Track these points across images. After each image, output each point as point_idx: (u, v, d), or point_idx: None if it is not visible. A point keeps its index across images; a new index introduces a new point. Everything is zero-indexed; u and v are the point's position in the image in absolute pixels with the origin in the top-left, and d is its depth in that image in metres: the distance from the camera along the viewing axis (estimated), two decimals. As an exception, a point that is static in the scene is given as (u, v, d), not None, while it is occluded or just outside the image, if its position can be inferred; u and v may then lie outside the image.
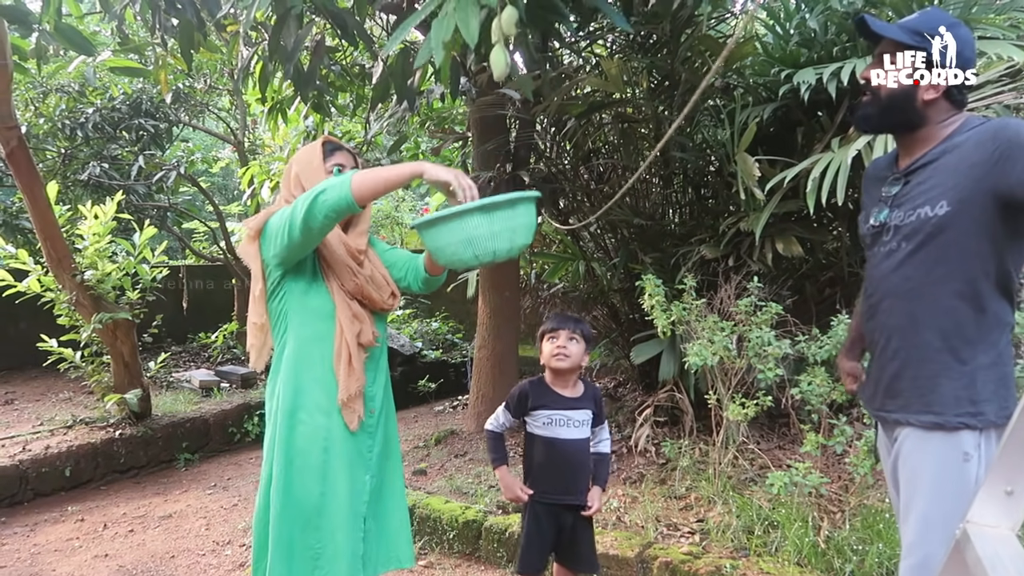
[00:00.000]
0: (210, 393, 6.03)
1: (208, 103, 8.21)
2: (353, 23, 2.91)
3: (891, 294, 1.77)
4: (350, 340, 2.04)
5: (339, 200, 1.84)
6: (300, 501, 1.99)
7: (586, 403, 2.44)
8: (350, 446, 2.07)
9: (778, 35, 4.32)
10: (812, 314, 4.05)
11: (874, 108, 1.77)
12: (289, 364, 2.04)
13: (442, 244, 1.89)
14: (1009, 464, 1.36)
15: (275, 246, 1.96)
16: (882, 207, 1.82)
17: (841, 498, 3.43)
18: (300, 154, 2.17)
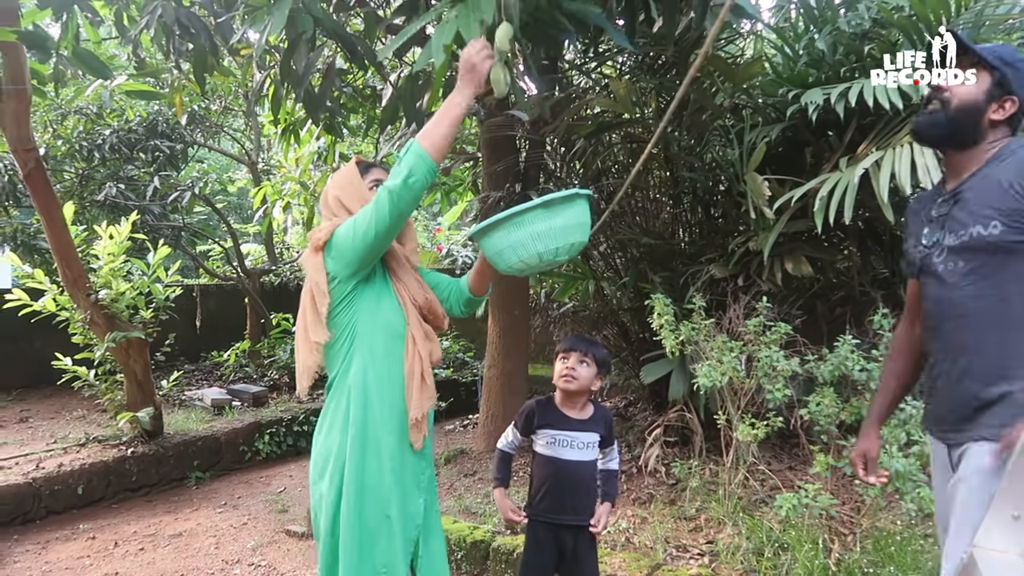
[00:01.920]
0: (222, 411, 6.06)
1: (223, 124, 8.32)
2: (363, 47, 2.96)
3: (955, 315, 1.75)
4: (424, 357, 2.01)
5: (427, 175, 1.84)
6: (371, 524, 1.95)
7: (594, 426, 2.43)
8: (411, 467, 2.03)
9: (787, 56, 4.34)
10: (823, 334, 4.02)
11: (943, 118, 1.75)
12: (358, 380, 1.96)
13: (504, 246, 1.89)
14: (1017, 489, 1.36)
15: (356, 248, 1.92)
16: (933, 228, 1.81)
17: (852, 520, 3.39)
18: (337, 178, 2.15)
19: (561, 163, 5.43)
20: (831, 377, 3.28)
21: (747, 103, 4.58)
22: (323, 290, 1.97)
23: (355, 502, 1.93)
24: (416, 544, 2.06)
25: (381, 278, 2.04)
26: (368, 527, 1.94)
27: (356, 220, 1.92)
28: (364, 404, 1.96)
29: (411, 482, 2.03)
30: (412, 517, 2.03)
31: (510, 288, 5.17)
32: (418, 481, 2.06)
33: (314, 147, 5.98)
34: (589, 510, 2.42)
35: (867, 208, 3.88)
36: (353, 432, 1.95)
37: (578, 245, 1.98)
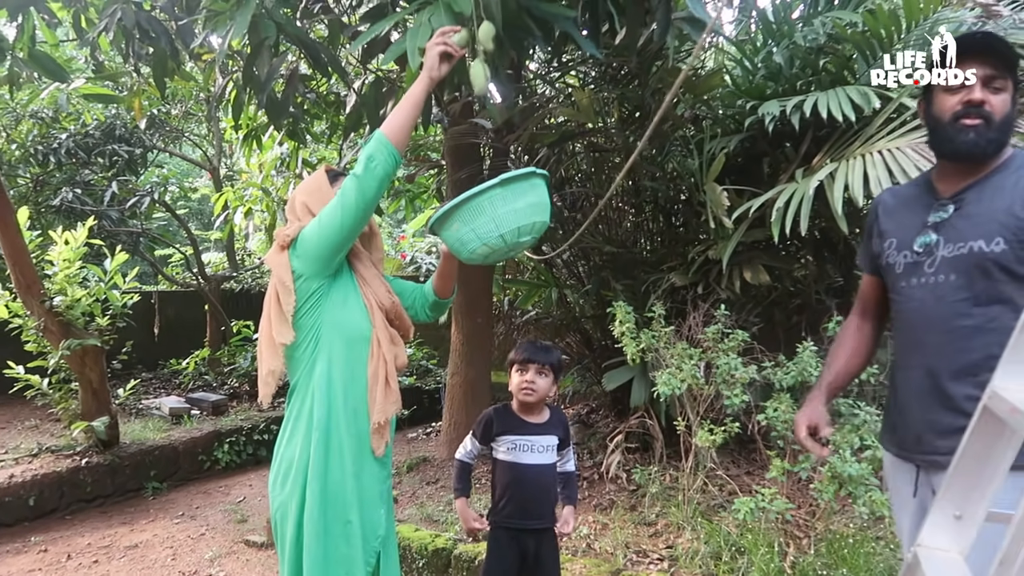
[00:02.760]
0: (180, 420, 5.97)
1: (184, 129, 8.22)
2: (326, 54, 2.96)
3: (942, 330, 1.63)
4: (389, 360, 1.98)
5: (388, 159, 1.85)
6: (332, 530, 1.93)
7: (552, 429, 2.45)
8: (373, 474, 2.01)
9: (745, 68, 4.44)
10: (780, 341, 4.10)
11: (989, 133, 1.60)
12: (322, 383, 1.93)
13: (466, 231, 1.87)
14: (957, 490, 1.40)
15: (322, 244, 1.91)
16: (928, 233, 1.67)
17: (807, 523, 3.46)
18: (305, 184, 2.15)
19: (525, 171, 5.45)
20: (791, 383, 3.35)
21: (707, 114, 4.67)
22: (288, 287, 1.93)
23: (318, 507, 1.91)
24: (378, 557, 2.03)
25: (348, 280, 2.02)
26: (330, 533, 1.92)
27: (322, 215, 1.92)
28: (328, 406, 1.93)
29: (372, 490, 2.01)
30: (373, 527, 2.01)
31: (474, 296, 5.18)
32: (380, 490, 2.04)
33: (277, 153, 5.94)
34: (550, 513, 2.44)
35: (822, 218, 3.98)
36: (317, 435, 1.92)
37: (540, 225, 1.96)
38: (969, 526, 1.34)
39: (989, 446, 1.29)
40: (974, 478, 1.34)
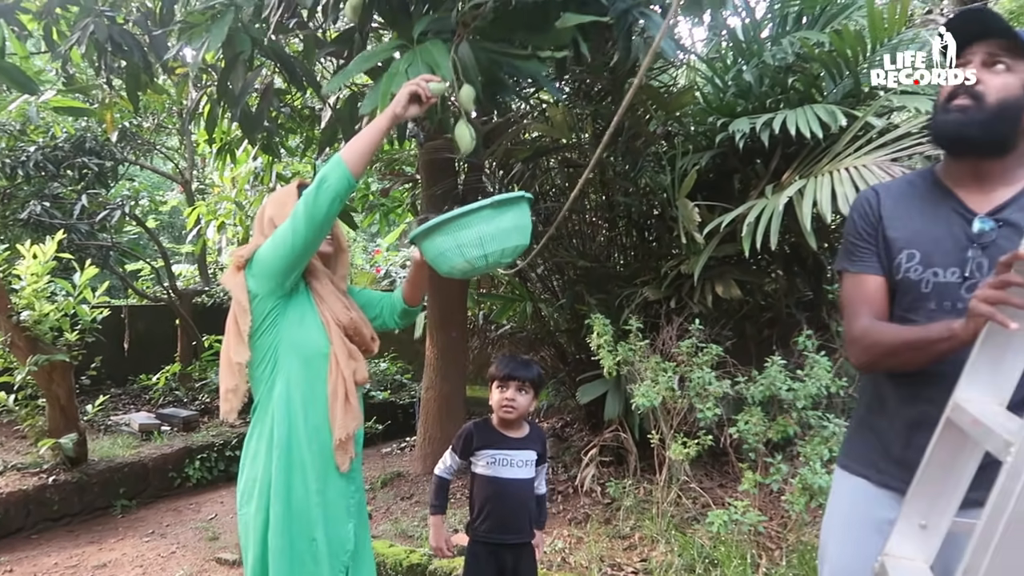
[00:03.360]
0: (150, 437, 5.88)
1: (156, 142, 8.15)
2: (301, 68, 2.97)
3: None
4: (347, 377, 1.98)
5: (340, 181, 1.85)
6: (297, 547, 1.92)
7: (531, 444, 2.47)
8: (338, 490, 2.00)
9: (716, 86, 4.52)
10: (751, 355, 4.16)
11: (978, 115, 1.45)
12: (281, 403, 1.94)
13: (448, 248, 1.88)
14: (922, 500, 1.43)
15: (275, 263, 1.92)
16: (974, 249, 1.48)
17: (779, 535, 3.50)
18: (274, 197, 2.15)
19: (500, 186, 5.49)
20: (761, 397, 3.40)
21: (679, 131, 4.74)
22: (245, 308, 1.94)
23: (282, 526, 1.91)
24: (346, 571, 2.03)
25: (304, 298, 2.02)
26: (295, 551, 1.92)
27: (275, 234, 1.93)
28: (288, 425, 1.93)
29: (339, 505, 2.01)
30: (341, 542, 2.00)
31: (448, 310, 5.18)
32: (347, 505, 2.03)
33: (251, 167, 5.91)
34: (528, 528, 2.45)
35: (792, 233, 4.05)
36: (277, 454, 1.92)
37: (521, 248, 1.99)
38: (934, 535, 1.37)
39: (952, 457, 1.32)
40: (939, 488, 1.37)
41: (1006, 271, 1.21)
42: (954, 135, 1.50)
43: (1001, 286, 1.21)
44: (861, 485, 1.66)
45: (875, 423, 1.67)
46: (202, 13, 2.81)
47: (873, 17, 3.55)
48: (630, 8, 3.11)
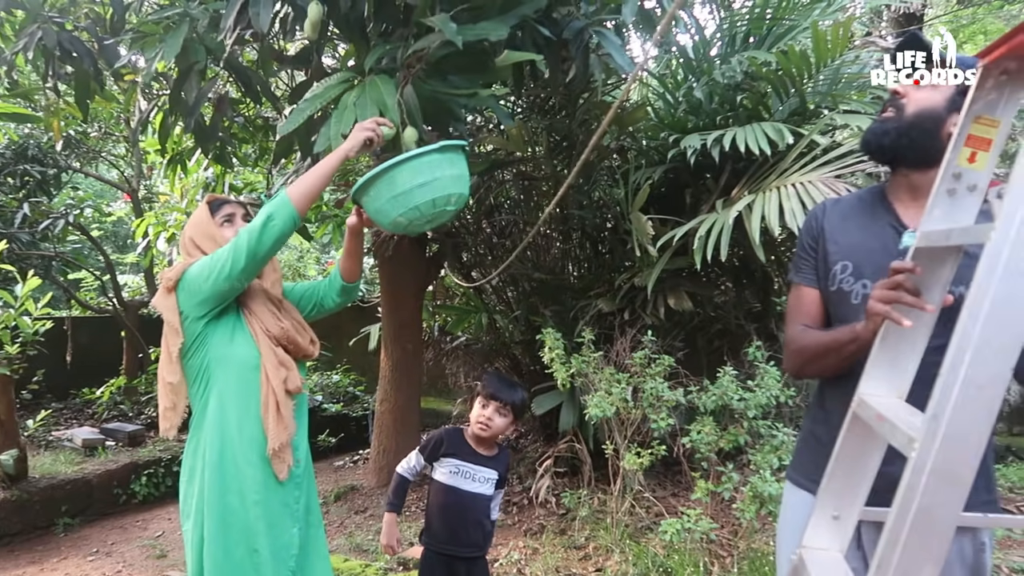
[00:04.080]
0: (94, 452, 5.71)
1: (101, 150, 7.95)
2: (257, 80, 2.95)
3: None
4: (277, 388, 1.99)
5: (286, 220, 1.89)
6: (237, 560, 1.93)
7: (495, 464, 2.49)
8: (280, 498, 2.01)
9: (668, 102, 4.62)
10: (703, 365, 4.25)
11: (894, 124, 1.54)
12: (214, 418, 1.97)
13: (396, 196, 1.87)
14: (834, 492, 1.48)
15: (209, 288, 1.93)
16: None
17: (730, 543, 3.57)
18: (191, 219, 2.18)
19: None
20: (713, 407, 3.47)
21: (632, 145, 4.83)
22: (176, 328, 1.97)
23: (220, 540, 1.93)
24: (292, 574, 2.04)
25: (233, 314, 2.04)
26: (234, 563, 1.93)
27: (213, 258, 1.95)
28: (221, 440, 1.95)
29: (281, 513, 2.02)
30: (285, 547, 2.02)
31: (403, 322, 5.17)
32: (291, 511, 2.05)
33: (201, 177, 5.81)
34: (482, 542, 2.46)
35: (741, 247, 4.15)
36: (210, 470, 1.95)
37: (460, 198, 1.99)
38: (847, 525, 1.42)
39: (860, 450, 1.38)
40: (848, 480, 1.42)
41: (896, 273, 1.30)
42: (871, 141, 1.58)
43: (893, 287, 1.29)
44: (807, 499, 1.67)
45: (818, 434, 1.71)
46: (156, 23, 2.77)
47: (817, 39, 3.67)
48: (586, 26, 3.17)
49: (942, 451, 1.04)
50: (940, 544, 1.10)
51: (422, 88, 2.50)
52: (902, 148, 1.55)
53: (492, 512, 2.53)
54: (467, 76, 2.66)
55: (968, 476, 1.05)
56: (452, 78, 2.65)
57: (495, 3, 2.61)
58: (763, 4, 4.40)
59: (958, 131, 1.21)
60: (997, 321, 0.99)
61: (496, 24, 2.45)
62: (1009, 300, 0.99)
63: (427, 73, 2.59)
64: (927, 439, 1.06)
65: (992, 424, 1.03)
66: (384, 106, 2.27)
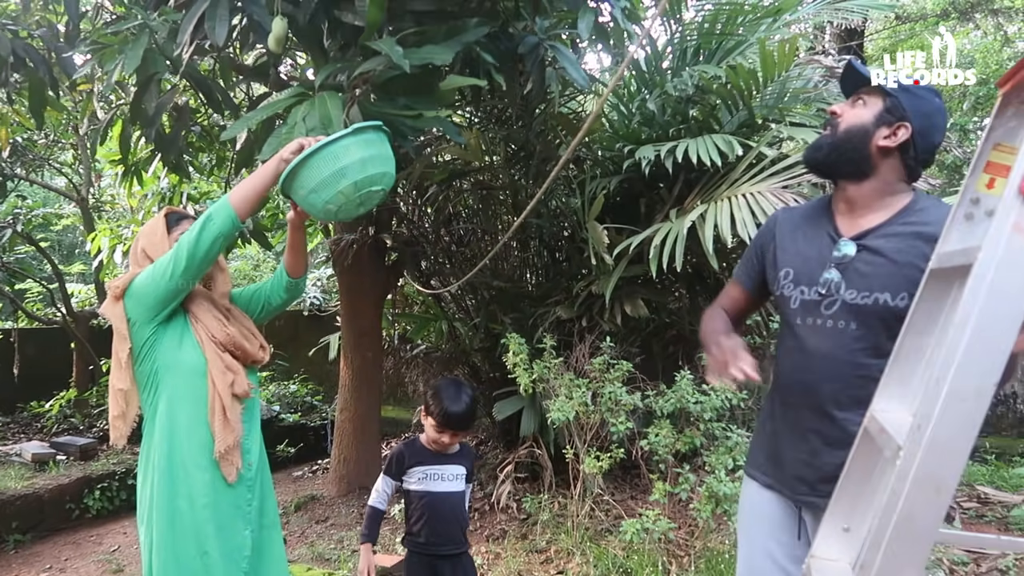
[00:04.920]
0: (45, 467, 5.58)
1: (49, 157, 7.78)
2: (218, 90, 2.96)
3: (833, 377, 1.63)
4: (223, 392, 2.03)
5: (225, 222, 1.95)
6: (187, 562, 1.96)
7: (460, 459, 2.56)
8: (230, 500, 2.05)
9: (622, 114, 4.73)
10: (659, 370, 4.36)
11: (828, 140, 1.69)
12: (163, 423, 2.01)
13: (321, 182, 1.90)
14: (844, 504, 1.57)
15: (154, 294, 1.98)
16: (831, 270, 1.65)
17: (687, 543, 3.67)
18: (145, 229, 2.21)
19: (413, 207, 5.55)
20: (670, 410, 3.57)
21: (588, 156, 4.93)
22: (124, 335, 2.02)
23: (169, 544, 1.97)
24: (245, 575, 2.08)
25: (180, 320, 2.08)
26: (184, 566, 1.97)
27: (156, 264, 2.01)
28: (169, 446, 2.00)
29: (232, 515, 2.06)
30: (237, 549, 2.06)
31: (363, 330, 5.18)
32: (242, 513, 2.08)
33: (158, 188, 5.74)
34: (463, 538, 2.54)
35: (694, 255, 4.27)
36: (157, 476, 1.99)
37: (387, 177, 2.01)
38: (856, 537, 1.48)
39: (871, 464, 1.46)
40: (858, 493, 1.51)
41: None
42: (808, 156, 1.77)
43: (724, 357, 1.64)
44: (754, 487, 1.85)
45: (764, 428, 1.87)
46: (115, 34, 2.77)
47: (764, 56, 3.82)
48: (541, 41, 3.25)
49: (925, 459, 1.11)
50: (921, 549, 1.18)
51: (369, 108, 2.57)
52: (835, 162, 1.69)
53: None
54: (414, 97, 2.73)
55: (951, 484, 1.13)
56: (399, 99, 2.71)
57: (440, 30, 2.70)
58: (712, 19, 4.55)
59: (976, 157, 1.31)
60: (981, 338, 1.08)
61: (442, 49, 2.53)
62: (993, 318, 1.08)
63: (375, 93, 2.66)
64: (911, 448, 1.14)
65: (975, 435, 1.12)
66: (330, 122, 2.33)
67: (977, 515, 4.55)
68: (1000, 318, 1.07)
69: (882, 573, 1.14)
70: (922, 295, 1.41)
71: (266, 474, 2.24)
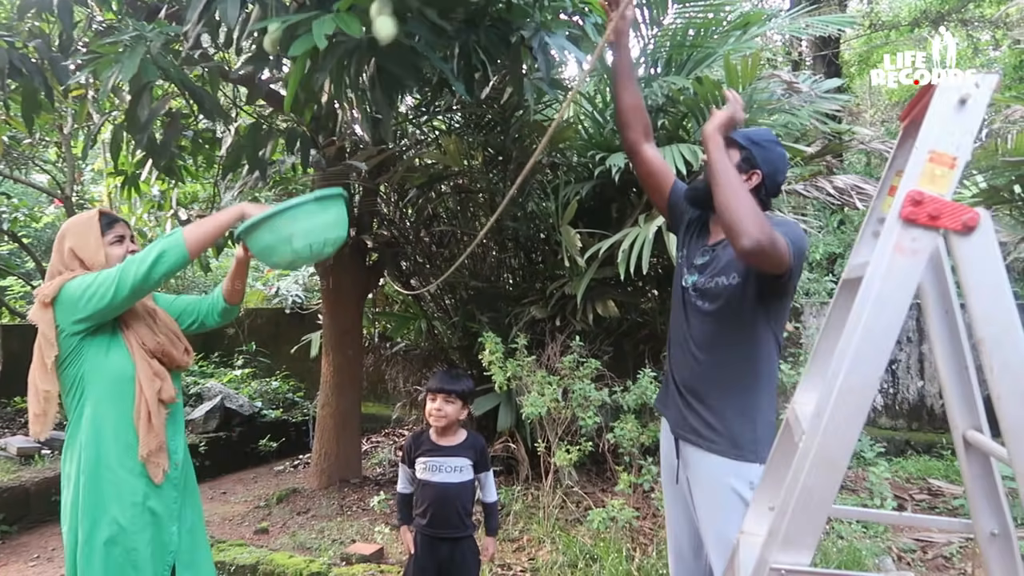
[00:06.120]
0: (30, 461, 5.69)
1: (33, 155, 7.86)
2: (208, 98, 3.11)
3: (697, 342, 2.16)
4: (150, 398, 2.10)
5: (177, 258, 2.04)
6: (116, 558, 2.04)
7: (464, 451, 2.75)
8: (159, 499, 2.14)
9: (596, 121, 4.93)
10: (628, 368, 4.56)
11: (703, 183, 2.12)
12: (90, 426, 2.06)
13: (277, 240, 2.06)
14: (769, 485, 1.78)
15: (87, 309, 2.02)
16: (693, 272, 2.22)
17: (651, 530, 3.88)
18: (73, 227, 2.21)
19: (394, 209, 5.71)
20: (634, 405, 3.78)
21: (562, 162, 5.12)
22: (51, 342, 2.04)
23: (95, 542, 2.04)
24: (172, 570, 2.19)
25: (109, 328, 2.13)
26: (112, 563, 2.05)
27: (95, 280, 2.03)
28: (96, 448, 2.06)
29: (161, 513, 2.15)
30: (164, 545, 2.16)
31: (344, 328, 5.34)
32: (171, 511, 2.19)
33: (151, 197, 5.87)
34: (463, 524, 2.72)
35: (662, 257, 4.48)
36: (84, 479, 2.05)
37: (340, 239, 2.20)
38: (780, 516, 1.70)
39: (789, 450, 1.66)
40: (780, 476, 1.71)
41: None
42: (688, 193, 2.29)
43: None
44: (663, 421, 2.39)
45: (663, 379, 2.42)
46: (111, 44, 2.92)
47: (728, 70, 4.03)
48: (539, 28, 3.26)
49: (822, 442, 1.33)
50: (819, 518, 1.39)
51: None
52: (707, 199, 2.07)
53: (485, 494, 2.81)
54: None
55: (842, 463, 1.35)
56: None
57: None
58: (683, 31, 4.75)
59: (882, 182, 1.56)
60: (868, 339, 1.29)
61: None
62: (877, 322, 1.29)
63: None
64: (811, 432, 1.35)
65: (863, 421, 1.34)
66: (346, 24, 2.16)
67: (929, 506, 4.80)
68: (883, 323, 1.28)
69: (787, 537, 1.35)
70: (834, 302, 1.62)
71: (191, 471, 2.35)
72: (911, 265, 1.27)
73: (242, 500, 5.37)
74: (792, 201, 5.55)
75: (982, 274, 1.25)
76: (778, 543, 1.37)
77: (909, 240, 1.27)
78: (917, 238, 1.27)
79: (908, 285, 1.27)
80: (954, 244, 1.27)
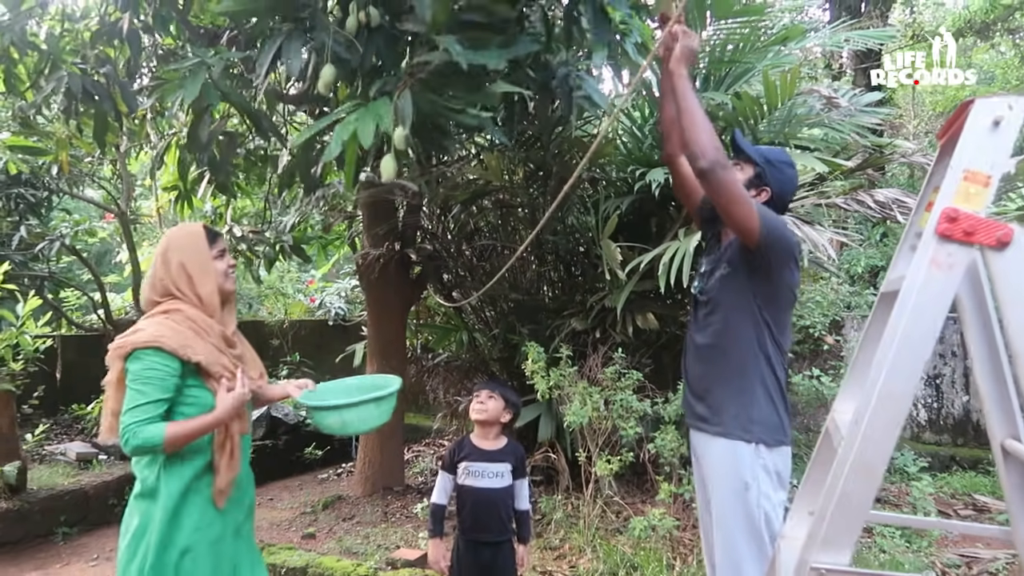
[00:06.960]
0: (88, 465, 5.92)
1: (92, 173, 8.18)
2: (266, 120, 3.27)
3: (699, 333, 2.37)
4: (234, 434, 2.14)
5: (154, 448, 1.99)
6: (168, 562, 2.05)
7: (505, 457, 2.83)
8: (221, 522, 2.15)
9: (635, 137, 5.01)
10: (668, 380, 4.60)
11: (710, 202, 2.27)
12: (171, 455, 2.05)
13: (334, 420, 2.33)
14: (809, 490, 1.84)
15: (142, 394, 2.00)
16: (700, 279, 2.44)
17: (691, 540, 3.92)
18: (180, 240, 2.21)
19: (437, 224, 5.85)
20: (675, 415, 3.83)
21: (602, 177, 5.21)
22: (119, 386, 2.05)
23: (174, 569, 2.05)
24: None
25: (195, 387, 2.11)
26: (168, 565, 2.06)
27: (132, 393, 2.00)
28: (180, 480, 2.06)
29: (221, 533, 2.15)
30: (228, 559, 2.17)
31: (388, 339, 5.47)
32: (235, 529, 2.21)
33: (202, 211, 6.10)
34: (503, 528, 2.80)
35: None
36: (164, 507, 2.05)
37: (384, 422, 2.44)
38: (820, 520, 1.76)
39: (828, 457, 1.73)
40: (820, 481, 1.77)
41: None
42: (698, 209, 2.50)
43: None
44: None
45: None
46: (175, 71, 3.09)
47: (768, 86, 4.09)
48: (570, 72, 3.54)
49: (860, 448, 1.40)
50: (856, 522, 1.46)
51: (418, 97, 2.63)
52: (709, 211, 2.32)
53: (518, 502, 2.85)
54: (462, 93, 2.85)
55: (880, 468, 1.42)
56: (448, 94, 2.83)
57: (493, 39, 2.89)
58: (722, 46, 4.81)
59: (920, 197, 1.64)
60: (905, 349, 1.36)
61: (496, 54, 2.72)
62: (914, 332, 1.36)
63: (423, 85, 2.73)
64: (850, 439, 1.42)
65: (900, 428, 1.40)
66: (380, 118, 2.48)
67: (974, 522, 4.75)
68: (919, 334, 1.34)
69: (826, 539, 1.41)
70: (873, 314, 1.68)
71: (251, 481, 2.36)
72: (947, 279, 1.33)
73: (288, 506, 5.51)
74: (832, 214, 5.55)
75: (1017, 288, 1.31)
76: (817, 545, 1.43)
77: (945, 255, 1.33)
78: (952, 253, 1.33)
79: (944, 298, 1.33)
80: (989, 259, 1.33)
